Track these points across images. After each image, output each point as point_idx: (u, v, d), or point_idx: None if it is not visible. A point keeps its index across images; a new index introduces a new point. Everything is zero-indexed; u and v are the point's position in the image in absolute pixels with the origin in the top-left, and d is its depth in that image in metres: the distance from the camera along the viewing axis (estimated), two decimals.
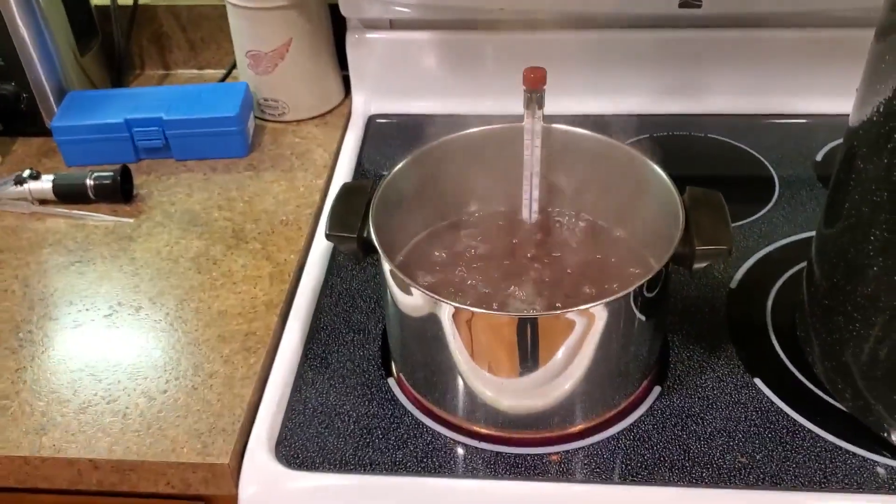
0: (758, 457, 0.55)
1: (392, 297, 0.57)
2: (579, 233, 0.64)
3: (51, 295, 0.69)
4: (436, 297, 0.52)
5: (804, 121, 0.86)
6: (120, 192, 0.78)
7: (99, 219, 0.77)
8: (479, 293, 0.60)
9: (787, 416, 0.58)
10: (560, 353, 0.53)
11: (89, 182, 0.78)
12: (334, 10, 0.88)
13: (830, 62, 0.84)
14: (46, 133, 0.88)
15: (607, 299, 0.51)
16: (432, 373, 0.58)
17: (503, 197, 0.66)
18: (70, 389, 0.61)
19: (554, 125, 0.63)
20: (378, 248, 0.55)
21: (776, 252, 0.71)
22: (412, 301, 0.55)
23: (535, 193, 0.65)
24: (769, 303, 0.67)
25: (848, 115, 0.55)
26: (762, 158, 0.82)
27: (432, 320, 0.54)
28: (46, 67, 0.86)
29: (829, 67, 0.84)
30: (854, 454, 0.55)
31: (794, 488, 0.53)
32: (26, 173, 0.78)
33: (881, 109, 0.49)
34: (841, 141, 0.57)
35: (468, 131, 0.65)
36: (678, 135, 0.85)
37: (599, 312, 0.52)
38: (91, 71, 0.92)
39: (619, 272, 0.61)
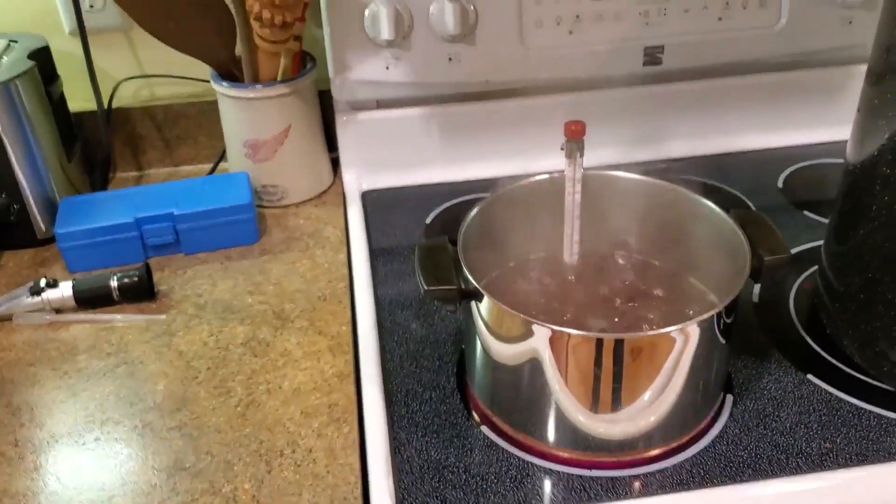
0: (838, 440, 0.61)
1: (487, 338, 0.60)
2: (637, 270, 0.70)
3: (106, 398, 0.67)
4: (546, 324, 0.56)
5: (759, 154, 0.97)
6: (147, 289, 0.76)
7: (128, 319, 0.75)
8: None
9: (848, 402, 0.64)
10: (661, 371, 0.57)
11: (114, 283, 0.76)
12: (321, 94, 0.92)
13: (776, 102, 0.96)
14: (36, 244, 0.86)
15: (701, 317, 0.56)
16: (530, 409, 0.61)
17: (559, 240, 0.71)
18: (169, 486, 0.59)
19: (597, 171, 0.69)
20: (483, 292, 0.58)
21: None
22: (514, 334, 0.58)
23: (577, 237, 0.70)
24: (792, 309, 0.74)
25: (793, 147, 0.66)
26: (733, 190, 0.91)
27: (533, 351, 0.57)
28: (36, 177, 0.84)
29: (775, 106, 0.96)
30: None
31: (880, 461, 0.59)
32: (42, 282, 0.75)
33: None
34: (796, 167, 0.67)
35: (519, 183, 0.69)
36: None
37: (696, 329, 0.57)
38: (73, 177, 0.90)
39: (677, 302, 0.67)
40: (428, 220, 0.89)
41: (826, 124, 0.97)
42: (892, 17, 0.60)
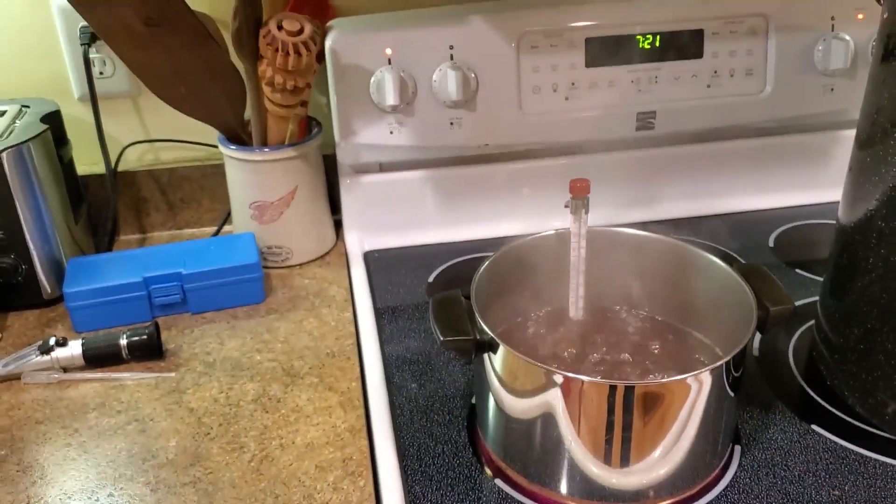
0: (846, 488, 0.62)
1: (500, 391, 0.61)
2: (643, 325, 0.72)
3: (118, 455, 0.66)
4: (561, 371, 0.57)
5: (750, 215, 1.00)
6: (156, 347, 0.76)
7: (137, 377, 0.75)
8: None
9: (853, 451, 0.66)
10: (673, 420, 0.58)
11: (123, 342, 0.76)
12: (324, 158, 0.94)
13: (763, 165, 1.00)
14: (42, 305, 0.86)
15: (713, 365, 0.58)
16: (544, 460, 0.61)
17: (565, 295, 0.73)
18: None
19: (601, 227, 0.71)
20: (499, 341, 0.59)
21: None
22: (528, 383, 0.59)
23: (582, 292, 0.72)
24: (791, 362, 0.76)
25: (781, 208, 0.84)
26: (726, 249, 0.94)
27: (546, 399, 0.58)
28: (44, 238, 0.84)
29: (762, 169, 1.00)
30: None
31: None
32: (52, 341, 0.75)
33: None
34: (785, 227, 0.84)
35: (526, 240, 0.71)
36: None
37: (708, 377, 0.58)
38: (79, 238, 0.91)
39: (683, 356, 0.69)
40: (430, 279, 0.91)
41: (812, 187, 1.01)
42: (878, 85, 0.64)
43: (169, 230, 1.01)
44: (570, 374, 0.58)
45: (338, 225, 0.99)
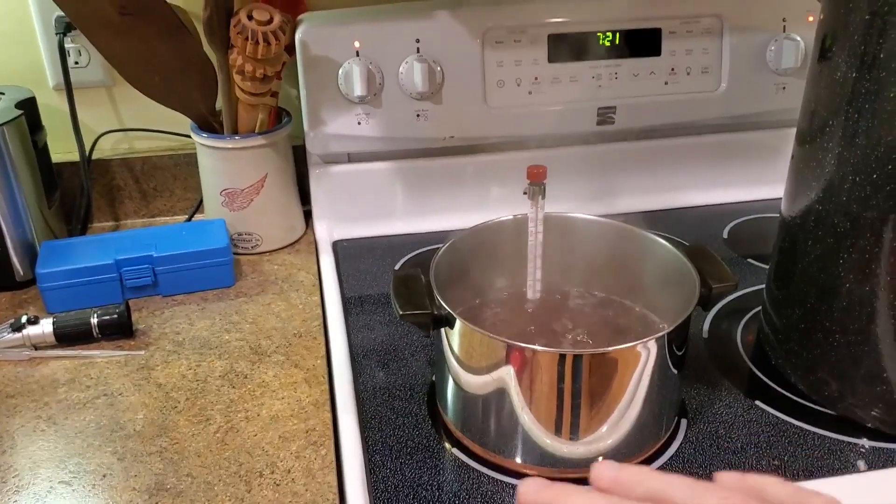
0: (786, 458, 0.66)
1: (456, 365, 0.64)
2: (596, 305, 0.75)
3: (87, 427, 0.68)
4: (513, 341, 0.60)
5: (704, 209, 1.04)
6: (127, 326, 0.78)
7: (107, 355, 0.77)
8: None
9: (793, 424, 0.69)
10: (620, 389, 0.61)
11: (94, 321, 0.78)
12: (294, 150, 0.97)
13: (718, 161, 1.04)
14: (14, 287, 0.87)
15: (657, 335, 0.61)
16: (499, 428, 0.64)
17: (522, 278, 0.76)
18: None
19: (557, 213, 0.74)
20: (456, 316, 0.62)
21: (726, 306, 0.85)
22: (483, 357, 0.62)
23: (539, 274, 0.75)
24: (739, 343, 0.80)
25: (735, 203, 0.93)
26: (680, 240, 0.97)
27: (500, 372, 0.61)
28: (17, 221, 0.86)
29: (717, 165, 1.04)
30: (852, 443, 0.67)
31: (825, 476, 0.64)
32: (24, 319, 0.77)
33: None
34: (739, 221, 0.90)
35: (485, 224, 0.74)
36: None
37: (652, 347, 0.61)
38: (52, 224, 0.92)
39: (634, 332, 0.72)
40: (397, 268, 0.94)
41: (764, 182, 1.05)
42: (816, 82, 0.68)
43: (142, 218, 1.03)
44: (522, 344, 0.61)
45: (307, 215, 1.01)
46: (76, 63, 0.97)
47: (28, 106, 0.89)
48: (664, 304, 0.72)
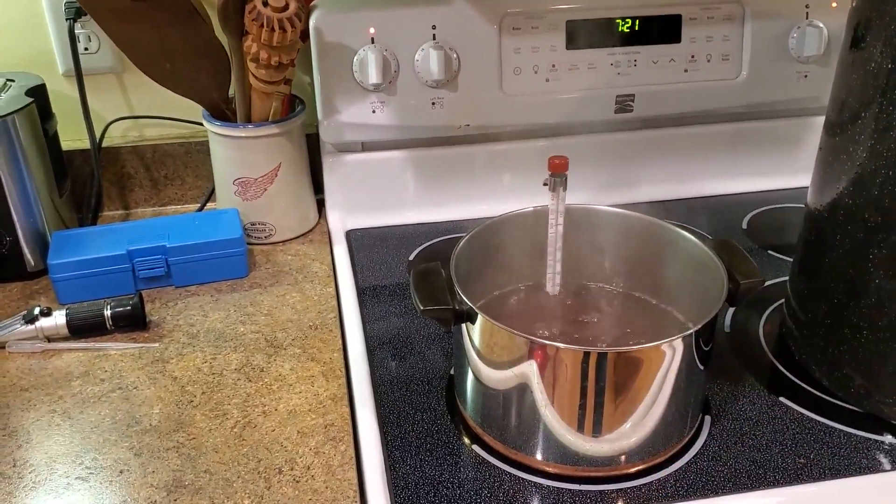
0: (811, 456, 0.65)
1: (477, 360, 0.63)
2: (617, 300, 0.74)
3: (102, 421, 0.68)
4: (537, 338, 0.59)
5: (724, 199, 1.02)
6: (140, 318, 0.77)
7: (121, 347, 0.76)
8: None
9: (819, 421, 0.68)
10: (647, 387, 0.60)
11: (107, 312, 0.77)
12: (307, 138, 0.95)
13: (737, 150, 1.03)
14: (25, 277, 0.86)
15: (684, 333, 0.60)
16: (519, 427, 0.63)
17: (541, 271, 0.74)
18: (168, 503, 0.60)
19: (579, 205, 0.73)
20: (477, 311, 0.61)
21: (748, 299, 0.84)
22: (504, 352, 0.61)
23: (559, 268, 0.74)
24: (762, 339, 0.78)
25: (754, 192, 0.93)
26: (702, 232, 0.96)
27: (522, 367, 0.60)
28: (28, 211, 0.85)
29: (737, 154, 1.03)
30: (878, 441, 0.66)
31: (851, 475, 0.63)
32: (37, 310, 0.76)
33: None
34: (758, 211, 0.90)
35: (504, 216, 0.73)
36: None
37: (679, 345, 0.60)
38: (63, 213, 0.91)
39: (657, 329, 0.71)
40: (411, 258, 0.92)
41: (785, 172, 1.03)
42: (847, 70, 0.66)
43: (153, 206, 1.02)
44: (546, 342, 0.60)
45: (321, 205, 1.00)
46: (86, 49, 0.95)
47: (38, 93, 0.88)
48: (688, 300, 0.71)
